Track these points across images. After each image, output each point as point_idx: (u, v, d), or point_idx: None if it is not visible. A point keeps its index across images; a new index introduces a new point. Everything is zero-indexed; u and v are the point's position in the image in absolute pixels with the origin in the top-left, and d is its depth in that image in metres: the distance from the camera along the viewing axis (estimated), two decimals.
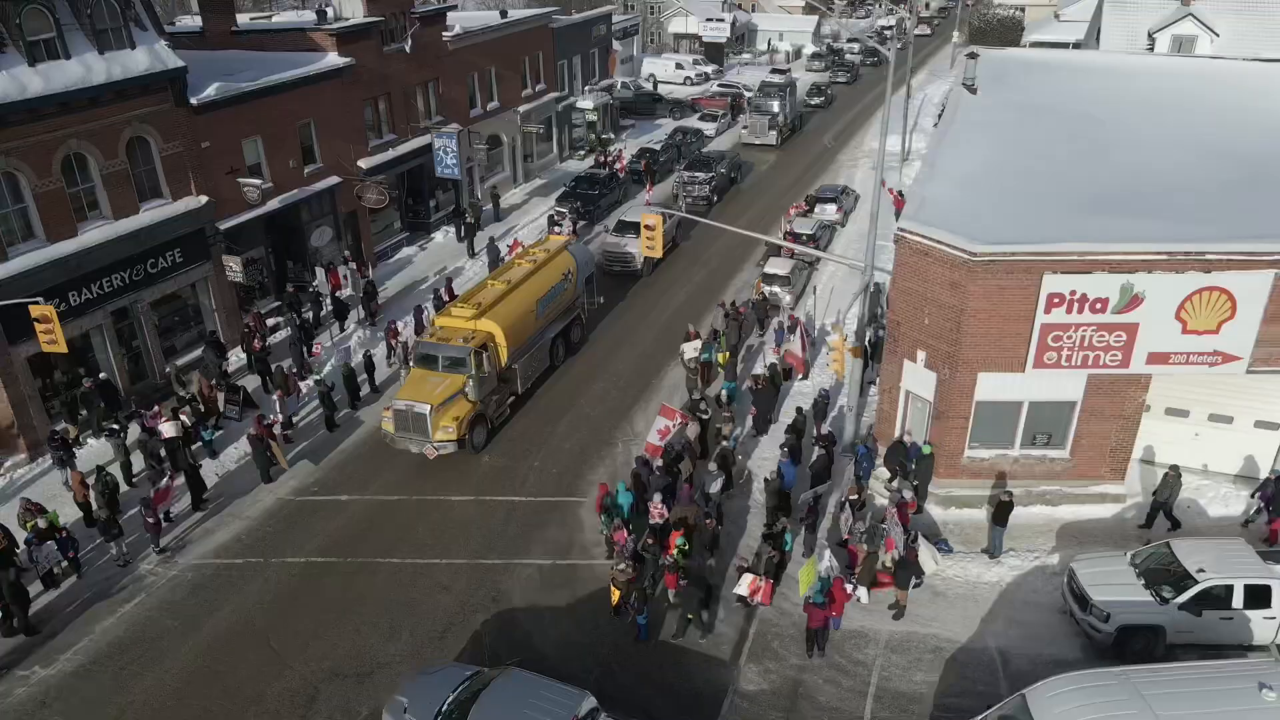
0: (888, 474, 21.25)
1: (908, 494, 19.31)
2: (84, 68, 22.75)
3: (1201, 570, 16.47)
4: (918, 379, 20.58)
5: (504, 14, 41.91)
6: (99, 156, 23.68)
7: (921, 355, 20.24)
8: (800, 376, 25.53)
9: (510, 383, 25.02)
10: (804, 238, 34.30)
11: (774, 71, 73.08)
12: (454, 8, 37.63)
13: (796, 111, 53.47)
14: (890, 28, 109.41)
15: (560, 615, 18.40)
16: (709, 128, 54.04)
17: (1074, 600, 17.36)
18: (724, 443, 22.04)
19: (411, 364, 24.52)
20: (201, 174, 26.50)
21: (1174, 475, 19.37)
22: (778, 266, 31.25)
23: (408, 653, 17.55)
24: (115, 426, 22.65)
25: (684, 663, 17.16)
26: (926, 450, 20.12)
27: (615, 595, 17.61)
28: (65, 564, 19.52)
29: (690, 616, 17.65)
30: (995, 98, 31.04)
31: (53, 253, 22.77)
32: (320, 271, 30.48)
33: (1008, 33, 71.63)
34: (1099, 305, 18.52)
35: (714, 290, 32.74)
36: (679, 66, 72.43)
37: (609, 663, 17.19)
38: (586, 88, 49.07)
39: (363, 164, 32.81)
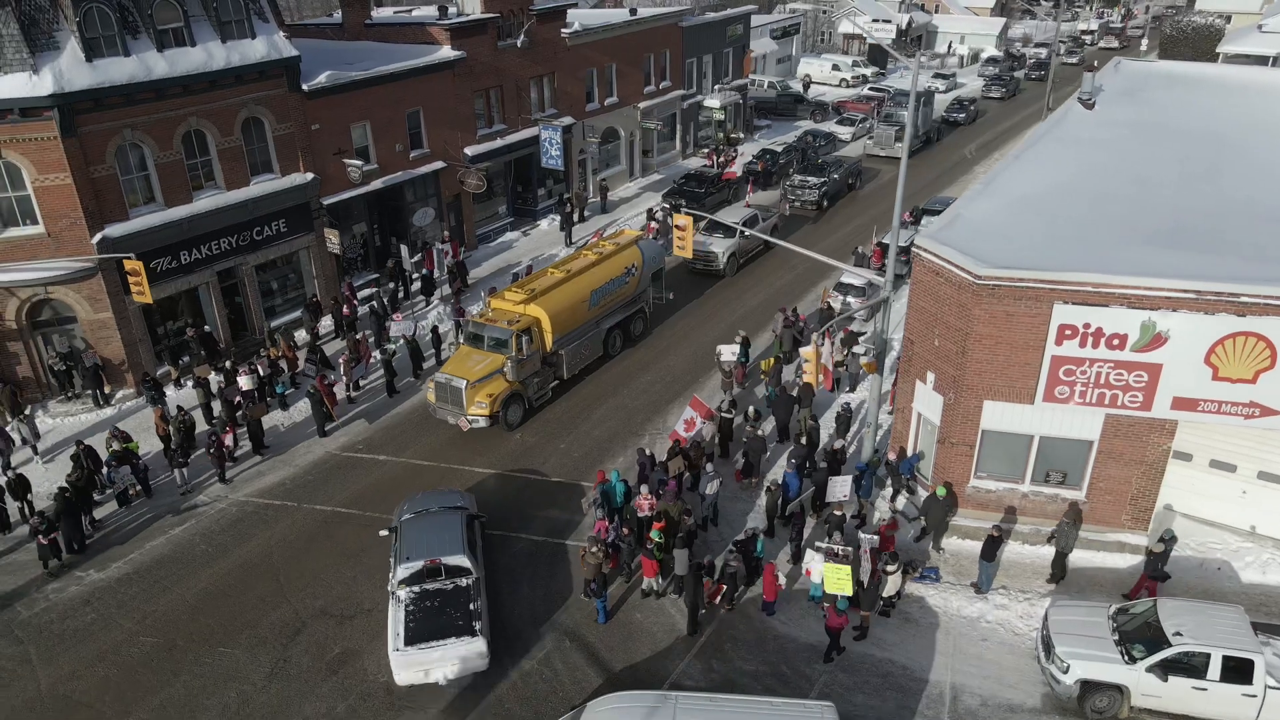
0: (892, 491, 20.87)
1: (894, 515, 18.86)
2: (206, 54, 25.72)
3: (1178, 634, 15.32)
4: (927, 401, 20.01)
5: (633, 12, 42.96)
6: (216, 134, 26.69)
7: (931, 377, 19.68)
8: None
9: (555, 367, 26.14)
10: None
11: (936, 76, 70.75)
12: (574, 4, 38.95)
13: (930, 124, 51.53)
14: (1092, 31, 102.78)
15: (536, 588, 19.36)
16: (844, 132, 53.13)
17: (1042, 646, 16.54)
18: (753, 432, 22.18)
19: (461, 341, 26.13)
20: (310, 153, 29.24)
21: (1069, 523, 18.15)
22: (853, 275, 30.58)
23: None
24: (196, 373, 25.69)
25: (633, 650, 17.70)
26: (941, 492, 19.30)
27: (585, 568, 18.31)
28: (139, 487, 22.49)
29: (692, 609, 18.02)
30: (1112, 114, 29.18)
31: (169, 216, 25.94)
32: (404, 249, 32.68)
33: (1203, 43, 65.40)
34: (1116, 341, 17.44)
35: (793, 296, 32.56)
36: (835, 68, 71.26)
37: (564, 637, 17.99)
38: (716, 87, 49.42)
39: (468, 151, 34.87)
